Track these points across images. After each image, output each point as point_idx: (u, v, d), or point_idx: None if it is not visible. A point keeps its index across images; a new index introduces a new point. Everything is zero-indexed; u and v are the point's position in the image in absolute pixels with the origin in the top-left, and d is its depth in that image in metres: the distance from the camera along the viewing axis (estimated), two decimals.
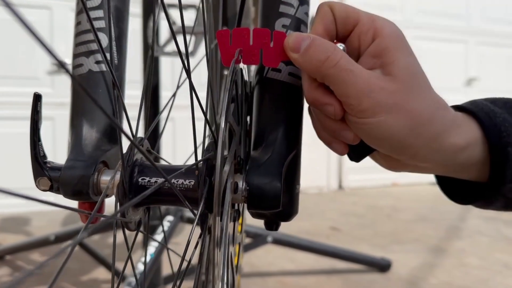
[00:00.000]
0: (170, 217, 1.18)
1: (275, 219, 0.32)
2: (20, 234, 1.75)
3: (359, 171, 2.88)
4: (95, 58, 0.34)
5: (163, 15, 0.29)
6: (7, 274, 1.28)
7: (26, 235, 1.72)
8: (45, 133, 2.18)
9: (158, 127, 1.17)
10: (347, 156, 0.36)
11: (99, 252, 1.27)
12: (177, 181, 0.30)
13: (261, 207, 0.30)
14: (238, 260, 0.43)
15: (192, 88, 0.29)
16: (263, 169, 0.31)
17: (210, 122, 0.32)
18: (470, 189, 0.36)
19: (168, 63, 1.97)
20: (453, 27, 3.17)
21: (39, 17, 2.21)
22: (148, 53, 0.52)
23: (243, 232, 0.70)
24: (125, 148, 0.29)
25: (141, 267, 0.94)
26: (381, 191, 2.79)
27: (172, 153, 2.35)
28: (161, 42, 1.26)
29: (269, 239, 1.27)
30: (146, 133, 0.32)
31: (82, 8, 0.34)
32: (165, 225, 1.16)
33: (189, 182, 0.29)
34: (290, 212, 0.32)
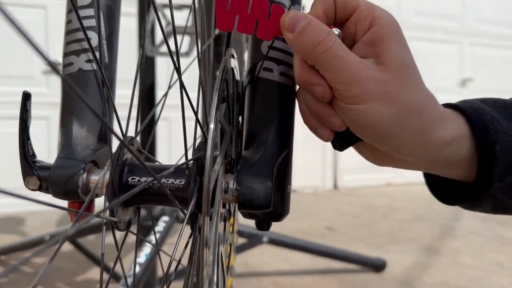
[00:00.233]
0: (166, 218, 1.18)
1: (266, 219, 0.32)
2: (15, 234, 1.74)
3: (354, 171, 2.88)
4: (86, 57, 0.34)
5: (159, 15, 0.29)
6: (1, 275, 1.27)
7: (21, 235, 1.71)
8: (40, 133, 2.18)
9: (152, 127, 1.16)
10: (331, 144, 0.36)
11: (94, 252, 1.26)
12: (168, 181, 0.29)
13: (252, 207, 0.30)
14: (229, 261, 0.43)
15: (183, 88, 0.29)
16: (254, 169, 0.31)
17: (202, 122, 0.32)
18: (459, 190, 0.35)
19: (164, 63, 1.96)
20: (448, 28, 3.18)
21: (34, 17, 2.20)
22: (140, 53, 0.52)
23: (235, 233, 0.69)
24: (116, 148, 0.29)
25: (136, 268, 0.94)
26: (376, 191, 2.79)
27: (168, 153, 2.35)
28: (157, 42, 1.26)
29: (265, 239, 1.27)
30: (137, 133, 0.32)
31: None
32: (161, 226, 1.15)
33: (179, 182, 0.29)
34: (281, 212, 0.32)
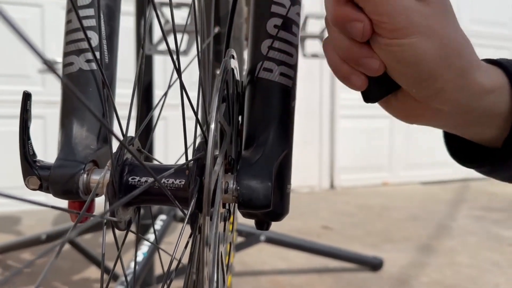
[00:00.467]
0: (163, 216, 1.18)
1: (266, 219, 0.32)
2: (11, 233, 1.74)
3: (351, 171, 2.89)
4: (86, 57, 0.34)
5: (158, 14, 0.29)
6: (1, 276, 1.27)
7: (17, 235, 1.70)
8: (36, 132, 2.17)
9: (151, 126, 1.16)
10: (362, 96, 0.33)
11: (91, 251, 1.26)
12: (168, 181, 0.29)
13: (252, 207, 0.30)
14: (229, 260, 0.43)
15: (183, 87, 0.29)
16: (254, 169, 0.31)
17: (202, 122, 0.32)
18: (480, 153, 0.35)
19: (161, 62, 1.96)
20: None
21: (31, 15, 2.19)
22: (139, 51, 0.52)
23: (235, 232, 0.70)
24: (116, 148, 0.29)
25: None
26: (372, 191, 2.80)
27: (164, 153, 2.35)
28: (155, 41, 1.25)
29: (262, 238, 1.27)
30: (137, 133, 0.32)
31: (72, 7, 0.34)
32: (158, 224, 1.15)
33: (180, 182, 0.29)
34: (281, 212, 0.32)
